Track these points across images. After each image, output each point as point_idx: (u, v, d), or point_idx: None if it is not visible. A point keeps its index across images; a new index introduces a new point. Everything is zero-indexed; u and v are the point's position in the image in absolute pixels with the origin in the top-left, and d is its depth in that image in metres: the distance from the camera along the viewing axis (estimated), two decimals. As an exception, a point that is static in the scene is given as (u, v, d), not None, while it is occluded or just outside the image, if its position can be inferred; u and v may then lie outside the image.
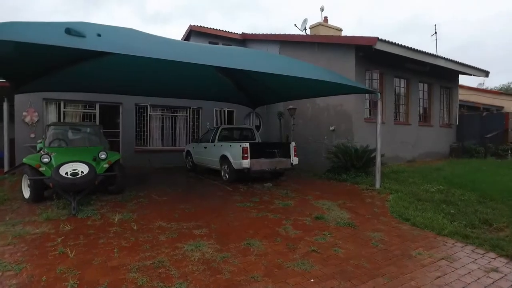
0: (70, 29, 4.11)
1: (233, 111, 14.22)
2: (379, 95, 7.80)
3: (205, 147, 9.74)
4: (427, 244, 4.29)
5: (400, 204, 6.15)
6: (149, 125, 12.66)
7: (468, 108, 18.39)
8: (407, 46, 10.02)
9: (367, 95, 10.72)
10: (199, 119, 13.67)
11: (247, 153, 7.69)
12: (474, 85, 23.55)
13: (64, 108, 11.20)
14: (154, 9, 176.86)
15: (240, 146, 7.79)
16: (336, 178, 8.95)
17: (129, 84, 9.88)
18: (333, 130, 10.94)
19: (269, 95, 10.57)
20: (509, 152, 12.29)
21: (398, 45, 9.78)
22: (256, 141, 10.10)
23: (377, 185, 7.70)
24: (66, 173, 5.60)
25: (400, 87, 11.84)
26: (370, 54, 10.12)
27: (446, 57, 11.33)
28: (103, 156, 6.48)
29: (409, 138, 11.97)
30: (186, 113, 13.44)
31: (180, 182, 9.00)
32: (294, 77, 7.03)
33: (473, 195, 6.63)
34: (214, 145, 9.20)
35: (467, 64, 12.24)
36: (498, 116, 12.85)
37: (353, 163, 8.99)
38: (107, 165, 6.55)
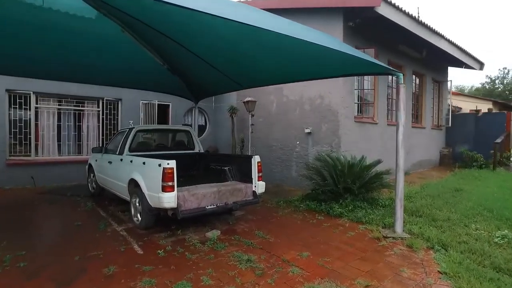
0: None
1: (169, 105, 10.36)
2: (402, 77, 4.68)
3: (110, 162, 5.87)
4: None
5: (479, 289, 3.00)
6: (35, 124, 8.33)
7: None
8: (416, 18, 7.13)
9: (356, 83, 7.67)
10: (117, 115, 9.59)
11: (172, 180, 4.03)
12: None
13: None
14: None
15: (160, 165, 4.10)
16: (323, 210, 5.68)
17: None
18: (309, 133, 7.72)
19: (218, 81, 6.97)
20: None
21: (406, 13, 6.84)
22: (196, 151, 6.46)
23: (398, 229, 4.56)
24: None
25: (392, 76, 8.99)
26: (361, 25, 7.08)
27: (449, 39, 8.72)
28: None
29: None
30: (98, 107, 9.29)
31: (55, 227, 5.04)
32: (261, 41, 3.72)
33: None
34: (122, 160, 5.37)
35: (467, 52, 9.83)
36: (498, 117, 10.71)
37: (348, 186, 5.79)
38: None
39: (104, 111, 9.28)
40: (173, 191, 4.04)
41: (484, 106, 19.05)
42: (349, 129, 7.26)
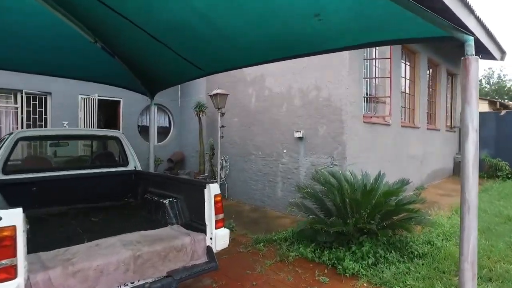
0: None
1: (119, 101, 8.04)
2: (473, 44, 2.59)
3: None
4: None
5: None
6: None
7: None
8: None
9: (367, 66, 5.66)
10: (45, 114, 7.22)
11: (12, 255, 1.82)
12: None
13: None
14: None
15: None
16: (326, 262, 3.58)
17: None
18: (301, 137, 5.62)
19: (170, 63, 4.75)
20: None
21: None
22: (130, 168, 4.22)
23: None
24: None
25: (406, 64, 7.04)
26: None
27: (478, 16, 6.81)
28: None
29: (417, 150, 7.26)
30: (15, 103, 6.90)
31: None
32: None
33: None
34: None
35: (494, 37, 7.96)
36: (526, 117, 8.94)
37: (364, 223, 3.70)
38: None
39: (25, 109, 6.88)
40: (13, 277, 1.82)
41: (480, 106, 17.69)
42: (357, 133, 5.21)
